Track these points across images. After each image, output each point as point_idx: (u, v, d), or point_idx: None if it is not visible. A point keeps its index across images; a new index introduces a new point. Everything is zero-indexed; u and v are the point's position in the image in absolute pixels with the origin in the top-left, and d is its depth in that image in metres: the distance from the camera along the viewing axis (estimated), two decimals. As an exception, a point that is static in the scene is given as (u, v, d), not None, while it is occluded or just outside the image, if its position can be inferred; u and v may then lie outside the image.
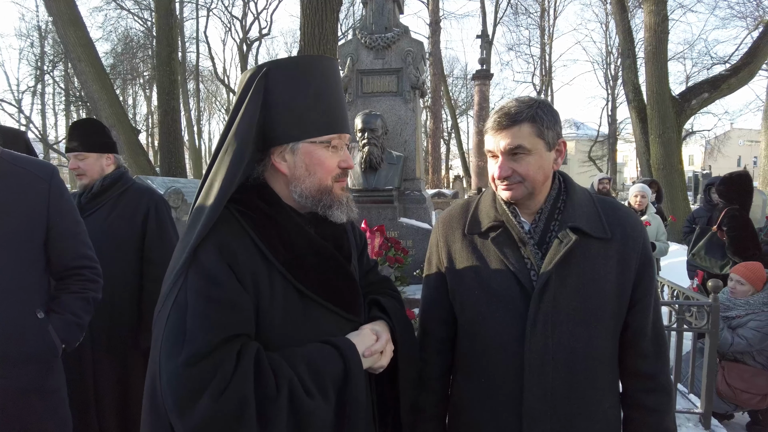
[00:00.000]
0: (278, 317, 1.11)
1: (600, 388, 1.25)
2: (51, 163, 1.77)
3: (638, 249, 1.26)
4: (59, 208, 1.71)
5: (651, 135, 11.69)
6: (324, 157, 1.17)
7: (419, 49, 5.11)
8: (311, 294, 1.14)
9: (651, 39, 11.42)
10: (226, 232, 1.10)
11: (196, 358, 0.98)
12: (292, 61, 1.18)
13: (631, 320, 1.28)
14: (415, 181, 5.11)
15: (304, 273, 1.14)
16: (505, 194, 1.28)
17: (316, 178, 1.17)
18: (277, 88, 1.14)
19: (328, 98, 1.17)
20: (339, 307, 1.19)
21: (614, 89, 29.16)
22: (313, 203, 1.19)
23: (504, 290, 1.26)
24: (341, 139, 1.20)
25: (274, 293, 1.11)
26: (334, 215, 1.20)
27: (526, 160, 1.24)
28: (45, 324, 1.64)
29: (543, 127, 1.24)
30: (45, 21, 22.32)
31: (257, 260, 1.10)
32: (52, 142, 23.48)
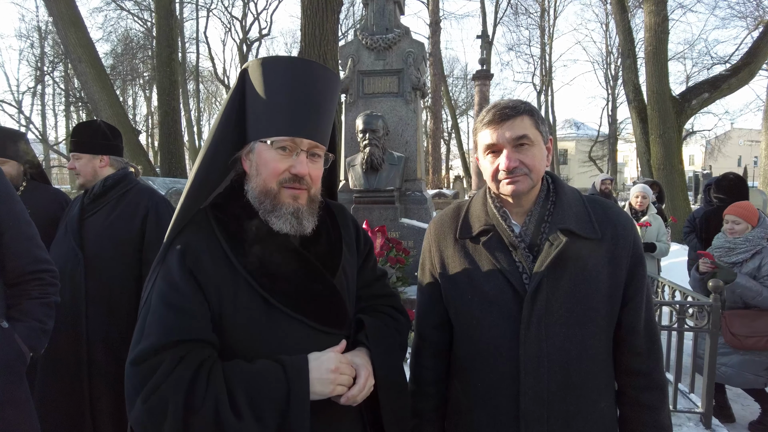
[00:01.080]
0: (242, 324, 1.08)
1: (596, 388, 1.26)
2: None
3: (629, 247, 1.27)
4: (11, 210, 1.62)
5: (651, 135, 11.70)
6: (270, 158, 1.12)
7: (420, 49, 5.12)
8: (277, 303, 1.10)
9: (651, 39, 11.43)
10: (194, 237, 1.10)
11: (140, 359, 1.02)
12: (269, 60, 1.15)
13: (624, 318, 1.28)
14: (416, 182, 5.12)
15: (271, 281, 1.11)
16: (509, 188, 1.26)
17: (261, 178, 1.13)
18: (250, 87, 1.14)
19: (294, 102, 1.12)
20: (311, 319, 1.13)
21: (614, 89, 29.21)
22: (258, 205, 1.14)
23: (497, 294, 1.26)
24: (295, 143, 1.13)
25: (238, 300, 1.08)
26: (273, 222, 1.13)
27: (531, 151, 1.25)
28: (10, 333, 1.57)
29: (538, 120, 1.28)
30: (45, 22, 22.38)
31: (222, 266, 1.09)
32: (52, 142, 23.48)
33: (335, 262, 1.22)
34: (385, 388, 1.19)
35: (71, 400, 2.27)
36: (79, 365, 2.26)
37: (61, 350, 2.25)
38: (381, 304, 1.35)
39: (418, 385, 1.44)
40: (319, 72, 1.17)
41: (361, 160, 4.78)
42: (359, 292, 1.33)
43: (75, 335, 2.26)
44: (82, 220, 2.38)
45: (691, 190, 18.81)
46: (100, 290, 2.30)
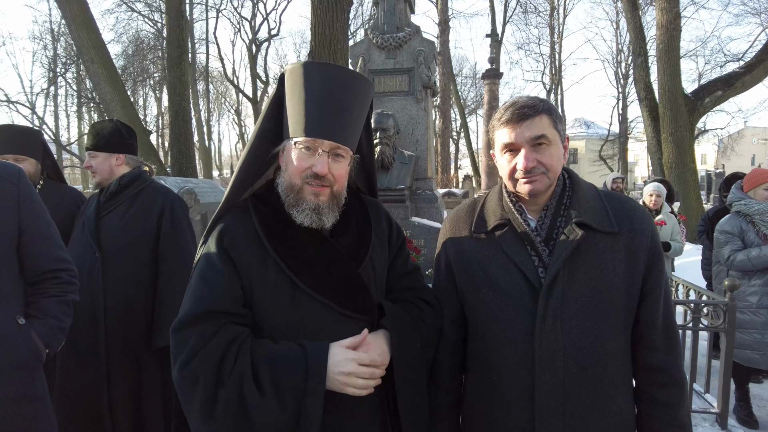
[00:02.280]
0: (268, 301, 1.19)
1: (612, 383, 1.25)
2: (16, 165, 1.69)
3: (647, 242, 1.26)
4: (30, 210, 1.64)
5: (663, 134, 11.59)
6: (295, 156, 1.23)
7: (431, 48, 5.11)
8: (302, 285, 1.20)
9: (663, 37, 11.32)
10: (233, 220, 1.25)
11: (177, 327, 1.14)
12: (306, 65, 1.25)
13: (642, 314, 1.27)
14: (427, 181, 5.11)
15: (298, 264, 1.21)
16: (526, 188, 1.27)
17: (287, 174, 1.25)
18: (288, 87, 1.25)
19: (321, 105, 1.21)
20: (333, 302, 1.22)
21: (625, 88, 28.94)
22: (284, 198, 1.26)
23: (512, 288, 1.27)
24: (317, 143, 1.22)
25: (267, 278, 1.20)
26: (295, 216, 1.24)
27: (549, 150, 1.26)
28: (27, 330, 1.60)
29: (556, 119, 1.28)
30: (58, 24, 22.63)
31: (256, 247, 1.21)
32: (64, 143, 23.74)
33: (362, 253, 1.31)
34: (400, 369, 1.25)
35: (90, 396, 2.30)
36: (97, 362, 2.29)
37: (80, 347, 2.28)
38: (410, 295, 1.42)
39: (433, 380, 1.44)
40: (349, 77, 1.26)
41: (371, 159, 4.78)
42: (390, 284, 1.41)
43: (94, 332, 2.29)
44: (99, 218, 2.41)
45: (704, 189, 18.59)
46: (117, 287, 2.33)
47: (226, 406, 1.08)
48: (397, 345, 1.25)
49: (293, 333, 1.19)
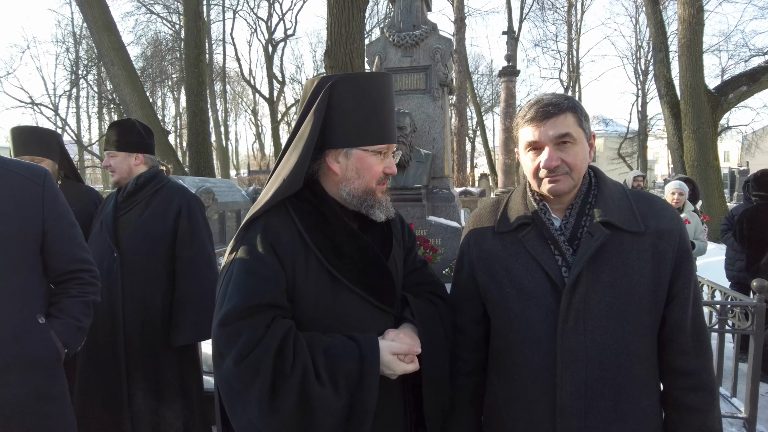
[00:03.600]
0: (311, 294, 1.25)
1: (637, 386, 1.22)
2: (42, 166, 1.71)
3: (674, 242, 1.23)
4: (54, 211, 1.66)
5: (685, 131, 11.35)
6: (373, 163, 1.32)
7: (447, 46, 5.06)
8: (342, 278, 1.26)
9: (685, 31, 11.09)
10: (274, 217, 1.29)
11: (228, 319, 1.16)
12: (355, 76, 1.37)
13: (669, 315, 1.24)
14: (444, 179, 5.07)
15: (338, 259, 1.27)
16: (549, 187, 1.25)
17: (363, 180, 1.32)
18: (341, 98, 1.29)
19: (382, 111, 1.32)
20: (369, 295, 1.29)
21: (645, 84, 28.46)
22: (358, 203, 1.33)
23: (535, 287, 1.25)
24: (389, 148, 1.34)
25: (309, 272, 1.25)
26: (375, 214, 1.34)
27: (573, 149, 1.24)
28: (47, 329, 1.61)
29: (582, 117, 1.26)
30: (80, 27, 23.07)
31: (297, 242, 1.26)
32: (86, 144, 24.20)
33: (387, 249, 1.39)
34: (428, 361, 1.32)
35: (110, 396, 2.32)
36: (116, 361, 2.31)
37: (100, 346, 2.30)
38: (422, 290, 1.48)
39: (452, 377, 1.43)
40: (388, 81, 1.36)
41: (387, 157, 4.75)
42: (404, 280, 1.48)
43: (113, 331, 2.32)
44: (116, 218, 2.43)
45: (726, 187, 18.16)
46: (135, 286, 2.35)
47: (288, 397, 1.11)
48: (424, 336, 1.33)
49: (332, 324, 1.26)
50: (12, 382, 1.50)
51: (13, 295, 1.54)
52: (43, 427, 1.56)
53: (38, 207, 1.62)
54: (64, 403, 1.67)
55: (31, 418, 1.53)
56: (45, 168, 1.72)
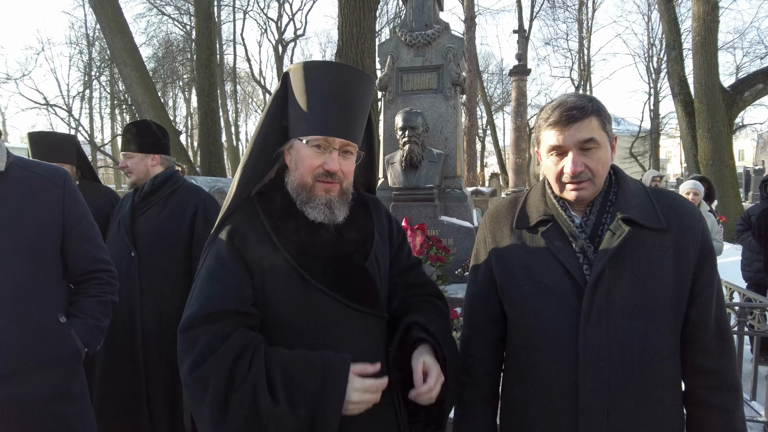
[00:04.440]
0: (282, 298, 1.21)
1: (661, 385, 1.20)
2: (63, 168, 1.74)
3: (697, 239, 1.21)
4: (74, 212, 1.68)
5: (699, 129, 11.21)
6: (306, 155, 1.25)
7: (460, 45, 5.04)
8: (313, 280, 1.21)
9: (699, 29, 10.95)
10: (242, 220, 1.25)
11: (187, 325, 1.15)
12: (309, 64, 1.26)
13: (692, 314, 1.22)
14: (456, 179, 5.05)
15: (308, 259, 1.22)
16: (572, 194, 1.24)
17: (298, 173, 1.26)
18: (292, 88, 1.26)
19: (329, 103, 1.23)
20: (344, 297, 1.24)
21: (657, 83, 28.16)
22: (295, 197, 1.28)
23: (556, 285, 1.24)
24: (328, 142, 1.24)
25: (278, 275, 1.21)
26: (308, 212, 1.26)
27: (597, 154, 1.22)
28: (68, 328, 1.62)
29: (605, 120, 1.24)
30: (93, 28, 23.30)
31: (266, 245, 1.22)
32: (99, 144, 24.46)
33: (367, 248, 1.33)
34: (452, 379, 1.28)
35: (129, 395, 2.33)
36: (135, 360, 2.33)
37: (118, 346, 2.31)
38: (419, 293, 1.44)
39: (468, 376, 1.42)
40: (353, 75, 1.27)
41: (400, 157, 4.74)
42: (396, 279, 1.43)
43: (131, 331, 2.33)
44: (134, 218, 2.44)
45: (741, 186, 17.91)
46: (153, 286, 2.36)
47: (239, 411, 1.07)
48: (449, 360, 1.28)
49: (307, 329, 1.21)
50: (34, 381, 1.51)
51: (36, 295, 1.55)
52: (64, 426, 1.58)
53: (59, 208, 1.63)
54: (84, 402, 1.68)
55: (52, 417, 1.54)
56: (65, 169, 1.74)
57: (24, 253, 1.53)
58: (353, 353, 1.23)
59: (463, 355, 1.47)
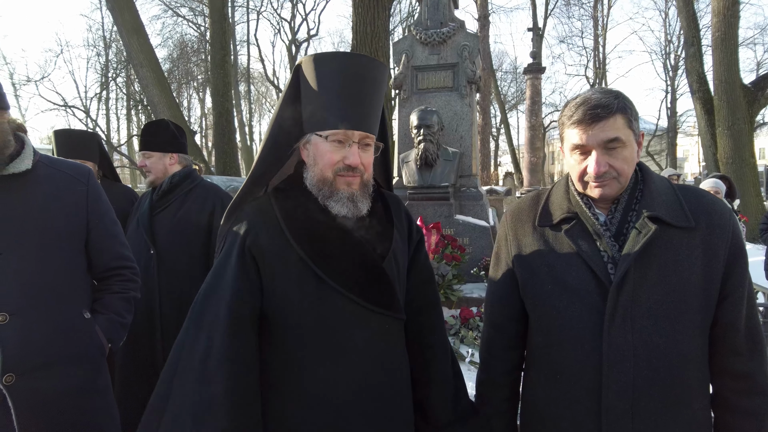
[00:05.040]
0: (295, 297, 1.18)
1: (688, 387, 1.17)
2: (86, 165, 1.76)
3: (727, 238, 1.18)
4: (97, 209, 1.70)
5: (718, 127, 11.02)
6: (326, 150, 1.22)
7: (475, 43, 5.01)
8: (329, 280, 1.18)
9: (719, 24, 10.75)
10: (256, 216, 1.22)
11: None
12: (321, 57, 1.24)
13: (722, 315, 1.19)
14: (471, 178, 5.01)
15: (323, 258, 1.20)
16: (596, 192, 1.22)
17: (318, 168, 1.24)
18: (306, 81, 1.22)
19: (346, 96, 1.20)
20: (360, 297, 1.21)
21: (674, 80, 27.73)
22: (317, 192, 1.25)
23: (579, 284, 1.21)
24: (347, 136, 1.22)
25: (291, 275, 1.18)
26: (332, 207, 1.23)
27: (622, 153, 1.19)
28: (92, 324, 1.64)
29: (632, 117, 1.20)
30: (110, 31, 23.61)
31: (279, 244, 1.19)
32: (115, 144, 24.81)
33: (386, 247, 1.30)
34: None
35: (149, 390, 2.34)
36: (154, 357, 2.35)
37: (138, 342, 2.33)
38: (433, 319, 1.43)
39: (489, 374, 1.41)
40: (367, 64, 1.24)
41: (415, 156, 4.72)
42: (413, 289, 1.40)
43: (150, 327, 2.35)
44: (152, 216, 2.46)
45: (763, 185, 17.55)
46: (172, 284, 2.38)
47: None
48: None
49: (320, 328, 1.19)
50: (61, 375, 1.53)
51: (62, 291, 1.57)
52: (88, 419, 1.59)
53: (83, 205, 1.65)
54: (107, 396, 1.70)
55: (77, 411, 1.56)
56: (89, 167, 1.76)
57: (50, 249, 1.55)
58: (368, 355, 1.23)
59: (483, 354, 1.46)
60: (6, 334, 1.42)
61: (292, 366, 1.20)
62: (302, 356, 1.19)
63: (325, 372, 1.19)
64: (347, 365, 1.20)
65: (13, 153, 1.51)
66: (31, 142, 1.61)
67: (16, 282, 1.46)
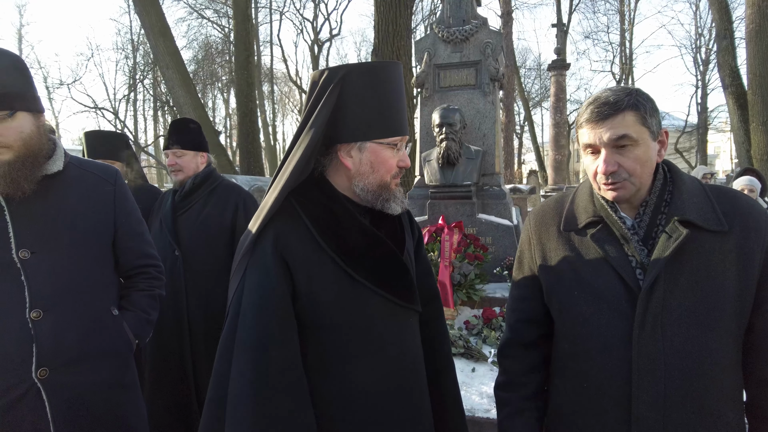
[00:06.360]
0: (330, 299, 1.22)
1: (722, 397, 1.13)
2: (114, 166, 1.80)
3: (763, 242, 1.13)
4: (124, 208, 1.75)
5: (752, 123, 10.62)
6: (387, 156, 1.29)
7: (498, 40, 4.95)
8: (361, 279, 1.23)
9: (753, 16, 10.35)
10: (283, 222, 1.24)
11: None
12: (366, 67, 1.29)
13: (757, 321, 1.14)
14: (494, 176, 4.96)
15: (354, 259, 1.24)
16: (609, 194, 1.19)
17: (378, 175, 1.29)
18: (352, 92, 1.25)
19: (394, 102, 1.29)
20: (390, 294, 1.27)
21: (705, 75, 26.87)
22: (374, 197, 1.30)
23: (607, 290, 1.18)
24: (402, 140, 1.32)
25: (326, 277, 1.22)
26: (391, 208, 1.32)
27: (633, 152, 1.15)
28: (120, 320, 1.69)
29: (646, 114, 1.15)
30: (137, 34, 24.18)
31: (311, 248, 1.22)
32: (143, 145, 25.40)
33: (400, 242, 1.36)
34: None
35: (179, 388, 2.39)
36: (182, 355, 2.38)
37: (166, 341, 2.37)
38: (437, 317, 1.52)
39: (507, 376, 1.41)
40: (399, 70, 1.33)
41: (437, 154, 4.69)
42: (418, 282, 1.42)
43: (178, 326, 2.38)
44: (176, 217, 2.48)
45: (799, 183, 16.91)
46: (197, 283, 2.40)
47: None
48: None
49: (355, 326, 1.24)
50: (90, 370, 1.57)
51: (92, 288, 1.62)
52: (116, 414, 1.64)
53: (110, 204, 1.70)
54: (135, 391, 1.75)
55: (106, 404, 1.61)
56: (116, 168, 1.80)
57: (81, 247, 1.60)
58: (397, 349, 1.29)
59: (500, 358, 1.45)
60: (40, 330, 1.47)
61: (329, 366, 1.23)
62: (340, 355, 1.23)
63: (363, 368, 1.24)
64: (382, 360, 1.26)
65: (47, 155, 1.55)
66: (61, 144, 1.65)
67: (50, 279, 1.51)
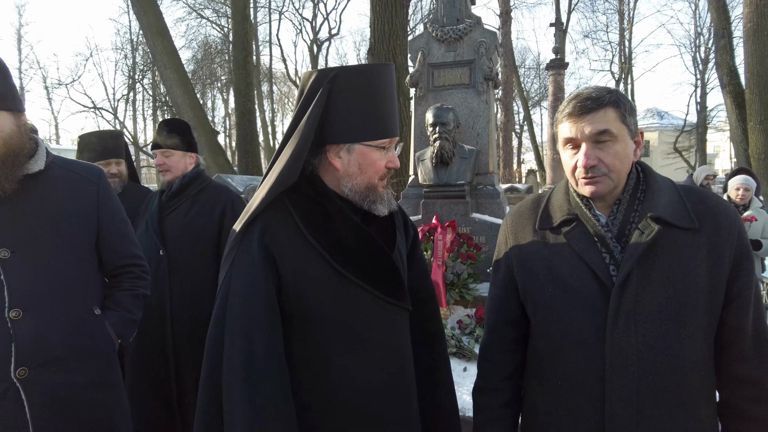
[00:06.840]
0: (317, 294, 1.22)
1: (694, 394, 1.14)
2: (98, 166, 1.80)
3: (732, 239, 1.15)
4: (108, 208, 1.74)
5: (750, 122, 10.63)
6: (376, 158, 1.30)
7: (492, 39, 4.94)
8: (349, 274, 1.24)
9: (751, 15, 10.35)
10: (273, 217, 1.25)
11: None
12: (355, 69, 1.31)
13: (728, 318, 1.16)
14: (488, 176, 4.96)
15: (342, 255, 1.25)
16: (587, 189, 1.20)
17: (366, 176, 1.30)
18: (341, 94, 1.25)
19: (384, 104, 1.29)
20: (378, 290, 1.27)
21: (704, 74, 26.85)
22: (361, 198, 1.31)
23: (581, 287, 1.19)
24: (391, 142, 1.33)
25: (313, 272, 1.22)
26: (378, 209, 1.33)
27: (613, 148, 1.17)
28: (102, 320, 1.69)
29: (626, 112, 1.18)
30: (136, 34, 24.20)
31: (298, 241, 1.23)
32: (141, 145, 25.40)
33: (391, 242, 1.37)
34: None
35: (162, 387, 2.38)
36: (165, 357, 2.36)
37: (149, 343, 2.35)
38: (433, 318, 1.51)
39: (486, 381, 1.40)
40: (391, 72, 1.33)
41: (430, 154, 4.69)
42: (414, 283, 1.46)
43: (161, 328, 2.37)
44: (162, 217, 2.46)
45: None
46: (183, 285, 2.39)
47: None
48: None
49: (343, 321, 1.24)
50: (71, 370, 1.57)
51: (74, 288, 1.62)
52: (100, 414, 1.64)
53: (93, 204, 1.70)
54: (119, 391, 1.75)
55: (88, 404, 1.60)
56: (100, 168, 1.80)
57: (63, 247, 1.59)
58: (386, 345, 1.30)
59: (480, 361, 1.45)
60: (20, 329, 1.47)
61: (316, 360, 1.24)
62: (326, 350, 1.24)
63: (349, 363, 1.25)
64: (369, 356, 1.27)
65: (28, 154, 1.55)
66: (43, 143, 1.65)
67: (30, 279, 1.51)
